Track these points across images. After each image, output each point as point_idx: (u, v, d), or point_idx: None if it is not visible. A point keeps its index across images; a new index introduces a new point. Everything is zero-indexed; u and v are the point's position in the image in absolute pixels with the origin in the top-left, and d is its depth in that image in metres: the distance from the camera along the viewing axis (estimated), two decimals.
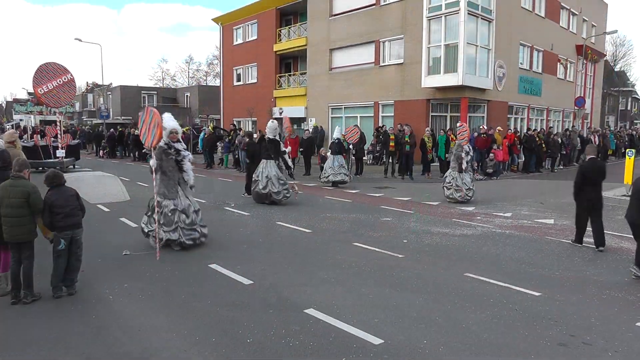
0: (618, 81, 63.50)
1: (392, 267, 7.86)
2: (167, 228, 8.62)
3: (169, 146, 8.71)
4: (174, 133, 8.85)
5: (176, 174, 8.76)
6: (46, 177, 6.46)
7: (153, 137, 8.14)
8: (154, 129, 8.07)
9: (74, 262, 6.57)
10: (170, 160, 8.68)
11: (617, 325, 5.58)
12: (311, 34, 31.88)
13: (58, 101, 14.71)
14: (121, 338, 5.19)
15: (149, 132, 8.16)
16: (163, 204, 8.61)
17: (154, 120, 8.10)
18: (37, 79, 14.05)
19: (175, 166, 8.72)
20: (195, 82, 75.57)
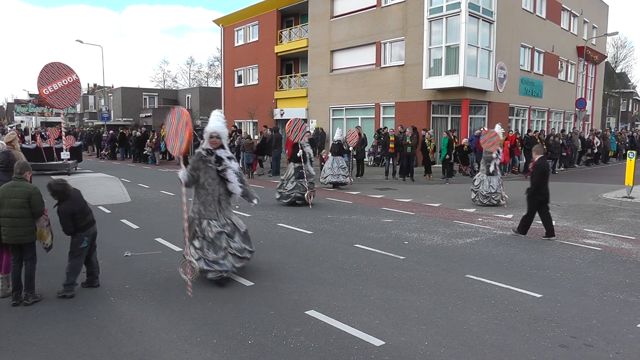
0: (619, 83, 63.53)
1: (393, 268, 7.86)
2: (214, 255, 6.84)
3: (208, 153, 7.10)
4: (214, 137, 7.13)
5: (217, 188, 7.09)
6: (54, 193, 6.43)
7: (181, 142, 6.76)
8: (183, 132, 6.73)
9: (94, 255, 6.93)
10: (210, 171, 7.05)
11: (618, 327, 5.57)
12: (312, 36, 31.91)
13: (63, 102, 14.64)
14: (122, 339, 5.19)
15: (176, 136, 6.81)
16: (203, 226, 6.93)
17: (182, 121, 6.76)
18: (42, 79, 13.92)
19: (216, 178, 7.06)
20: (197, 83, 75.69)
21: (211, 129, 7.18)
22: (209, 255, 6.84)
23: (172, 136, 6.93)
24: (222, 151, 7.20)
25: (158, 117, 52.07)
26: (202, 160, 7.08)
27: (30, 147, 22.93)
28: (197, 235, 6.94)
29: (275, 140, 22.95)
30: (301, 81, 34.30)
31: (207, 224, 6.94)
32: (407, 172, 20.70)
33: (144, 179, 20.89)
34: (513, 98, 27.97)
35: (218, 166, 7.08)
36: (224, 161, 7.13)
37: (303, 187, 13.94)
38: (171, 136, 6.95)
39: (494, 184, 14.22)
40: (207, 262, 6.81)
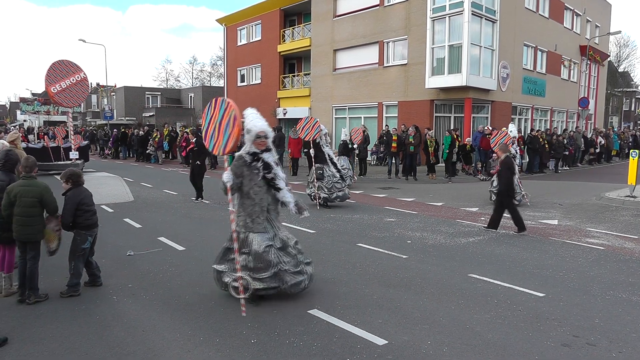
0: (622, 82, 63.42)
1: (396, 267, 7.86)
2: (263, 274, 6.01)
3: (254, 157, 6.13)
4: (262, 138, 6.14)
5: (265, 197, 6.18)
6: (70, 175, 6.57)
7: (226, 140, 5.80)
8: (229, 127, 5.73)
9: (93, 257, 6.88)
10: (255, 178, 6.10)
11: (621, 326, 5.57)
12: (315, 35, 31.91)
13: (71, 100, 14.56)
14: (125, 338, 5.20)
15: (220, 132, 5.84)
16: (249, 240, 6.11)
17: (229, 114, 5.74)
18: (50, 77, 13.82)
19: (263, 185, 6.13)
20: (199, 82, 75.77)
21: (257, 128, 6.14)
22: (258, 271, 6.03)
23: (213, 132, 5.94)
24: (269, 155, 6.22)
25: (161, 116, 52.18)
26: (247, 165, 6.08)
27: (36, 147, 22.65)
28: (242, 251, 6.10)
29: (278, 140, 22.95)
30: (304, 80, 34.30)
31: (253, 237, 6.10)
32: (409, 171, 20.70)
33: (147, 178, 20.92)
34: (516, 97, 27.93)
35: (267, 173, 6.10)
36: (272, 168, 6.15)
37: (325, 188, 13.54)
38: (211, 132, 5.96)
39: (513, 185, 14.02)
40: (258, 279, 6.02)
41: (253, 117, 6.30)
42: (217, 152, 5.95)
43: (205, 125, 6.03)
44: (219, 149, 5.91)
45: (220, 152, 5.92)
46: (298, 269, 6.26)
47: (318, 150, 13.71)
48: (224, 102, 5.86)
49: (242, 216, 6.21)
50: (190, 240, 9.58)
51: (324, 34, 31.17)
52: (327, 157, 13.78)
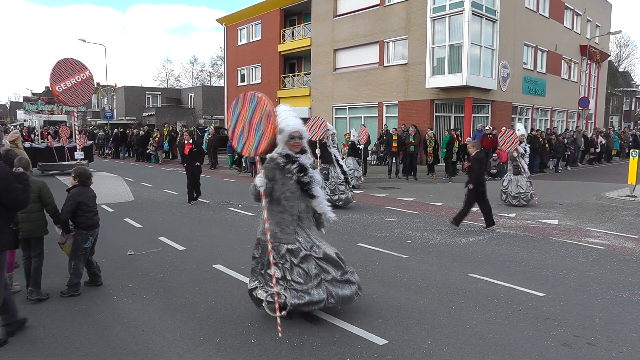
0: (622, 81, 63.42)
1: (396, 267, 7.86)
2: (304, 286, 5.34)
3: (288, 159, 5.48)
4: (296, 138, 5.50)
5: (298, 204, 5.53)
6: (80, 173, 6.63)
7: (258, 139, 5.23)
8: (261, 125, 5.16)
9: (93, 257, 6.87)
10: (288, 182, 5.46)
11: (622, 326, 5.56)
12: (315, 35, 31.91)
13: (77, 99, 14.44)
14: (125, 338, 5.20)
15: (251, 131, 5.26)
16: (282, 251, 5.45)
17: (261, 110, 5.16)
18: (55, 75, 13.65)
19: (296, 191, 5.48)
20: (200, 82, 75.77)
21: (290, 127, 5.45)
22: (295, 283, 5.36)
23: (242, 131, 5.34)
24: (305, 157, 5.57)
25: (161, 116, 52.19)
26: (279, 168, 5.46)
27: (40, 147, 22.42)
28: (277, 262, 5.45)
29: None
30: (304, 80, 34.31)
31: (287, 248, 5.46)
32: (410, 171, 20.70)
33: (147, 177, 20.93)
34: (516, 97, 27.94)
35: (302, 177, 5.44)
36: (308, 171, 5.50)
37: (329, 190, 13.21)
38: (240, 131, 5.35)
39: (522, 184, 13.99)
40: (296, 292, 5.34)
41: (286, 114, 5.61)
42: (247, 153, 5.38)
43: (232, 123, 5.39)
44: (250, 149, 5.32)
45: (251, 153, 5.35)
46: (345, 277, 5.57)
47: (324, 151, 13.54)
48: (254, 97, 5.20)
49: (270, 225, 5.54)
50: (190, 240, 9.58)
51: (324, 33, 31.18)
52: (334, 158, 13.59)
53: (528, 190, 13.99)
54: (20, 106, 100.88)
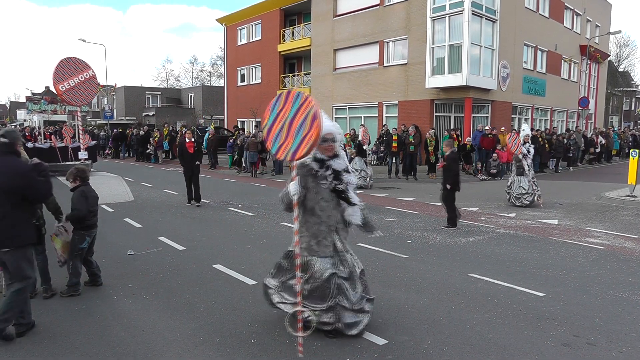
0: (622, 81, 63.42)
1: (396, 267, 7.86)
2: (320, 305, 5.05)
3: (322, 164, 5.09)
4: (329, 141, 5.09)
5: (334, 214, 5.12)
6: (78, 172, 6.67)
7: (298, 143, 4.63)
8: (304, 128, 4.59)
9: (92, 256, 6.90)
10: (322, 190, 5.05)
11: (621, 326, 5.57)
12: (315, 35, 31.90)
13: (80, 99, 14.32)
14: (125, 338, 5.20)
15: (290, 133, 4.68)
16: (311, 265, 5.07)
17: (305, 111, 4.63)
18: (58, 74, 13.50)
19: (331, 199, 5.08)
20: (199, 82, 75.75)
21: (325, 129, 4.89)
22: (310, 300, 5.06)
23: (280, 131, 4.76)
24: (339, 161, 5.15)
25: (161, 116, 52.20)
26: (312, 175, 5.04)
27: (43, 147, 22.18)
28: (303, 277, 5.06)
29: None
30: (304, 80, 34.29)
31: (315, 262, 5.06)
32: (410, 171, 20.71)
33: (147, 177, 20.93)
34: (516, 97, 27.93)
35: (337, 183, 5.07)
36: (343, 177, 5.11)
37: None
38: (277, 131, 4.78)
39: (524, 185, 13.95)
40: (314, 309, 5.07)
41: None
42: (283, 156, 4.80)
43: (270, 122, 4.84)
44: (286, 153, 4.73)
45: (287, 157, 4.75)
46: (359, 307, 5.19)
47: None
48: (299, 96, 4.69)
49: (305, 237, 5.07)
50: (190, 240, 9.58)
51: (324, 33, 31.16)
52: None
53: (530, 191, 13.92)
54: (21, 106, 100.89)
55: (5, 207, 4.98)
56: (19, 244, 5.11)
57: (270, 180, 20.88)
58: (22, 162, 5.26)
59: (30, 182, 5.07)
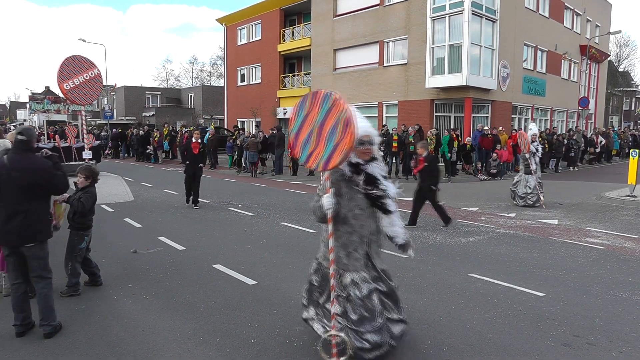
0: (622, 81, 63.43)
1: (396, 267, 7.85)
2: (368, 327, 4.37)
3: (356, 169, 4.46)
4: (365, 144, 4.48)
5: (368, 224, 4.54)
6: (91, 173, 6.67)
7: (330, 151, 4.10)
8: (335, 134, 4.05)
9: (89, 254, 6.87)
10: (357, 197, 4.45)
11: (622, 326, 5.57)
12: (315, 35, 31.90)
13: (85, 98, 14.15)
14: (125, 338, 5.20)
15: (321, 139, 4.16)
16: (346, 281, 4.45)
17: (337, 115, 4.06)
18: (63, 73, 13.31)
19: (366, 208, 4.50)
20: (199, 82, 75.73)
21: (360, 130, 4.28)
22: (359, 324, 4.37)
23: (308, 137, 4.27)
24: (375, 166, 4.55)
25: (161, 116, 52.18)
26: (346, 180, 4.45)
27: (47, 147, 22.03)
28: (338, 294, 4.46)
29: (279, 139, 23.00)
30: (304, 80, 34.29)
31: (352, 278, 4.45)
32: (410, 171, 20.69)
33: (147, 177, 20.93)
34: (516, 97, 27.92)
35: (372, 190, 4.45)
36: (379, 183, 4.50)
37: None
38: (305, 137, 4.30)
39: (530, 184, 13.88)
40: (359, 334, 4.37)
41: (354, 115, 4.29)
42: (314, 165, 4.27)
43: (296, 126, 4.39)
44: (318, 161, 4.22)
45: (319, 167, 4.23)
46: (402, 316, 4.74)
47: None
48: (329, 97, 4.12)
49: (336, 247, 4.53)
50: (190, 240, 9.58)
51: (324, 33, 31.16)
52: None
53: (535, 191, 13.88)
54: (21, 106, 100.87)
55: (31, 203, 5.12)
56: (43, 238, 5.28)
57: (270, 180, 20.88)
58: (42, 158, 5.43)
59: (52, 177, 5.25)
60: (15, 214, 5.04)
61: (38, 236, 5.21)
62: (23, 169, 5.06)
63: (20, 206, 5.05)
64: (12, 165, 5.05)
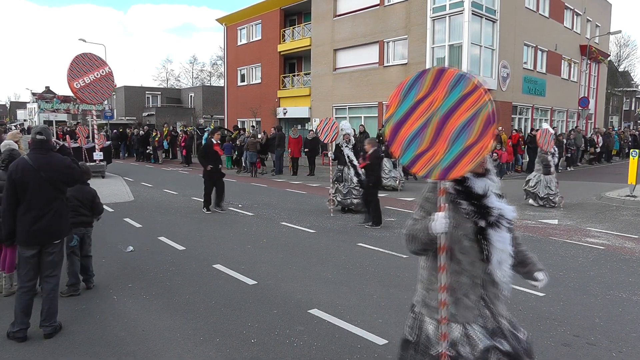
0: (622, 81, 63.43)
1: (396, 267, 7.86)
2: None
3: (463, 187, 3.12)
4: None
5: (480, 264, 3.17)
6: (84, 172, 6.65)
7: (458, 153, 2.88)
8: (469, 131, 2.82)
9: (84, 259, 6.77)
10: (464, 223, 3.13)
11: (621, 326, 5.57)
12: (315, 34, 31.90)
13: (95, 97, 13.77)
14: (125, 338, 5.20)
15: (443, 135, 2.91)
16: (456, 336, 3.17)
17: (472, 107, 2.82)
18: (73, 71, 12.93)
19: (474, 238, 3.14)
20: (200, 82, 75.72)
21: None
22: None
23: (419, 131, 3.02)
24: (489, 183, 3.17)
25: (161, 116, 52.14)
26: (452, 201, 3.15)
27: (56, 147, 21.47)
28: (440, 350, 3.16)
29: (278, 139, 23.00)
30: (304, 80, 34.29)
31: (460, 331, 3.19)
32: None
33: (147, 177, 20.91)
34: (516, 97, 27.92)
35: (479, 216, 3.11)
36: (492, 207, 3.13)
37: (341, 193, 12.94)
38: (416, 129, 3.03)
39: (552, 185, 13.90)
40: None
41: None
42: (423, 171, 3.05)
43: (399, 113, 3.15)
44: (432, 167, 3.00)
45: (432, 175, 3.02)
46: None
47: (338, 152, 13.00)
48: (464, 80, 2.86)
49: (436, 291, 3.26)
50: (190, 240, 9.58)
51: (324, 33, 31.16)
52: (347, 159, 12.75)
53: (556, 191, 13.91)
54: (21, 106, 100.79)
55: (56, 200, 5.24)
56: (67, 234, 5.53)
57: (270, 180, 20.87)
58: (62, 156, 5.54)
59: (74, 173, 5.44)
60: (44, 214, 5.12)
61: (64, 232, 5.36)
62: (50, 169, 5.15)
63: (48, 205, 5.15)
64: (38, 166, 5.11)
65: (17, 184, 5.05)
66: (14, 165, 5.14)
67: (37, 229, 5.09)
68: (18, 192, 5.07)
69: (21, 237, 5.11)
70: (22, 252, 5.17)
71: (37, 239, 5.12)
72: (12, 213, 5.11)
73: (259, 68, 37.58)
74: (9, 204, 5.10)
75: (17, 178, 5.04)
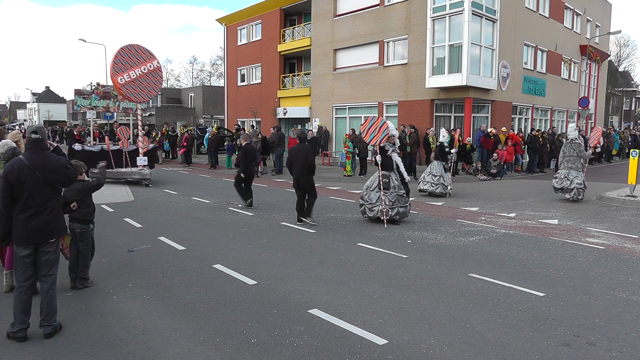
0: (622, 81, 63.45)
1: (396, 267, 7.86)
2: None
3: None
4: None
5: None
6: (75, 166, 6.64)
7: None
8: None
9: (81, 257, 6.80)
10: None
11: (621, 326, 5.57)
12: (315, 34, 31.90)
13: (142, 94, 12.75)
14: (125, 338, 5.20)
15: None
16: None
17: None
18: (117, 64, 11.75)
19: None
20: (200, 82, 75.74)
21: None
22: None
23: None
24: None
25: (161, 116, 52.18)
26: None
27: (94, 150, 19.14)
28: None
29: (278, 139, 23.00)
30: (304, 80, 34.28)
31: None
32: (409, 171, 20.69)
33: None
34: (516, 97, 27.91)
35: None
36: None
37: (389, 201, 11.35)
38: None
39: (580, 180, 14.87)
40: None
41: None
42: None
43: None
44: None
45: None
46: None
47: (384, 156, 11.20)
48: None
49: None
50: (190, 240, 9.58)
51: (324, 33, 31.16)
52: (395, 165, 11.46)
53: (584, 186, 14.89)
54: (21, 106, 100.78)
55: (52, 199, 5.29)
56: (63, 232, 5.58)
57: (271, 180, 20.87)
58: (58, 156, 5.59)
59: (69, 173, 5.47)
60: (40, 212, 5.17)
61: (60, 230, 5.40)
62: (46, 168, 5.18)
63: (44, 204, 5.19)
64: (34, 165, 5.13)
65: (14, 184, 5.06)
66: (10, 166, 5.13)
67: (32, 228, 5.11)
68: (14, 192, 5.09)
69: (17, 236, 5.13)
70: (18, 251, 5.19)
71: (33, 238, 5.14)
72: (8, 214, 5.13)
73: (259, 68, 37.58)
74: (5, 205, 5.11)
75: (14, 178, 5.05)
